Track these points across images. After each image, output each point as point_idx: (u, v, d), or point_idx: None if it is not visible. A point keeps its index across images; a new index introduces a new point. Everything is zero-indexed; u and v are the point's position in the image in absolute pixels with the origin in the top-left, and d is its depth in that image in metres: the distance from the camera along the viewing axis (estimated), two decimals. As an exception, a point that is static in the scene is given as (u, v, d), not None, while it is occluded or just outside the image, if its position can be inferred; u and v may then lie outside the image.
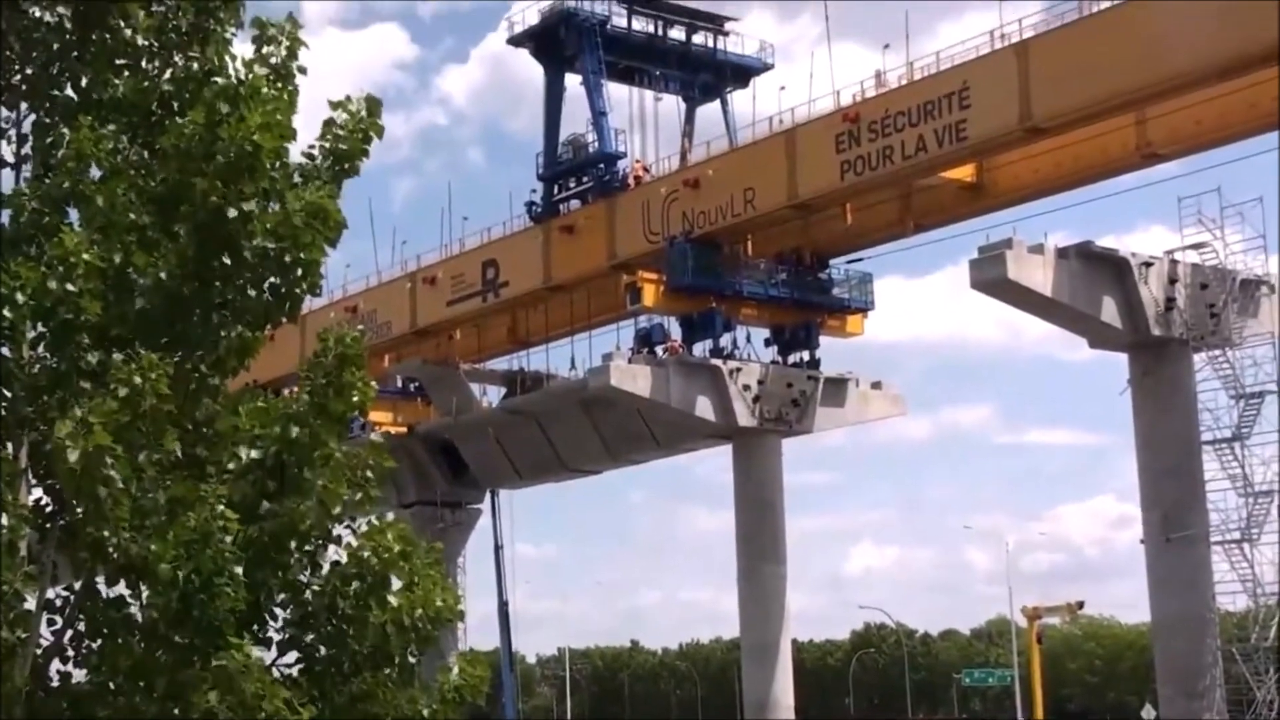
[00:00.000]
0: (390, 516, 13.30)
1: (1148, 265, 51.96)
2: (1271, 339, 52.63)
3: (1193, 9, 45.80)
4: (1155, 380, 51.95)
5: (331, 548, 11.97)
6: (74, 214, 12.41)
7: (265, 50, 12.39)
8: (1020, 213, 56.23)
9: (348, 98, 12.63)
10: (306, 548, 11.87)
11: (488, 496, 78.35)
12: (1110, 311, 51.62)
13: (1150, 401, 52.03)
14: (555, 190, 67.16)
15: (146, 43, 12.71)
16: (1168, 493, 50.94)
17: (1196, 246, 52.62)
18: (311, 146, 12.56)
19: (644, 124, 68.22)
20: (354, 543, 11.98)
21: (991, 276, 50.78)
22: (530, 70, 70.51)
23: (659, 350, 62.73)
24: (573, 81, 67.27)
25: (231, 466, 11.86)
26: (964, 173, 56.60)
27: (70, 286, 11.46)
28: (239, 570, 11.00)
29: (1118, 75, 47.24)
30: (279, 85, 12.27)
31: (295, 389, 12.21)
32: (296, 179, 12.27)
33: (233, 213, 11.69)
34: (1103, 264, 51.96)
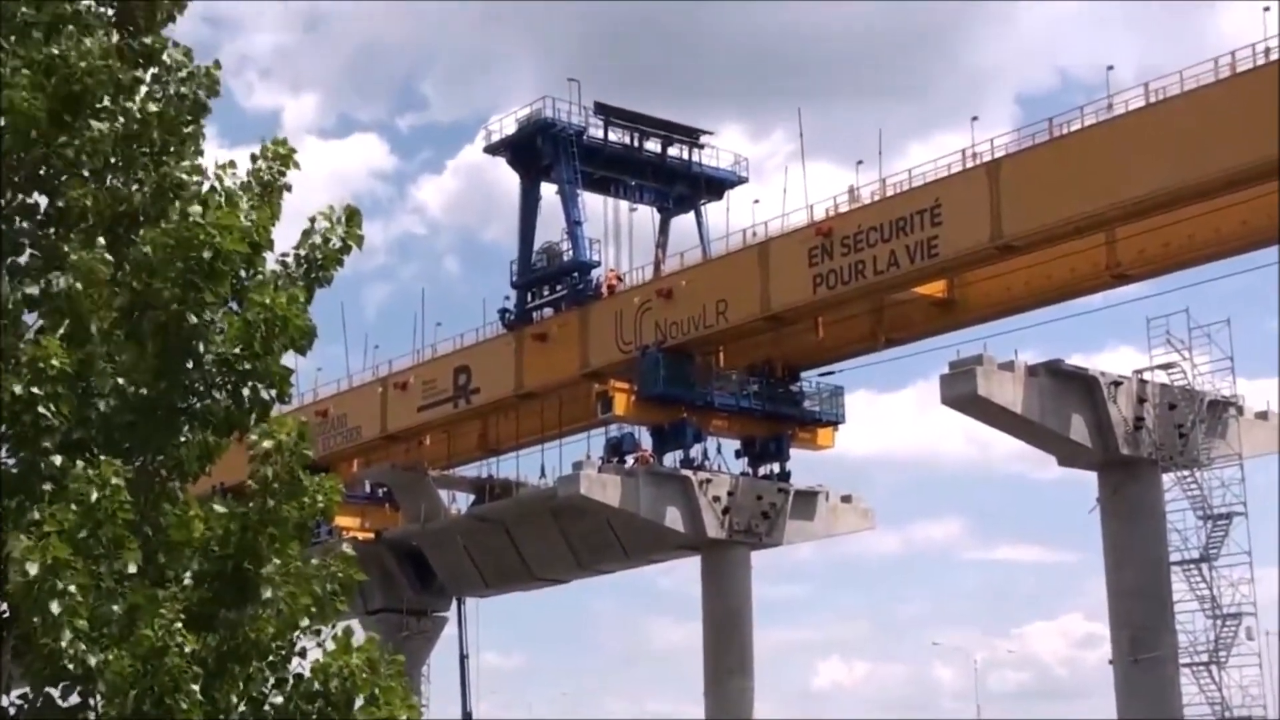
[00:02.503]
0: (356, 624, 13.10)
1: (1117, 384, 52.26)
2: (1239, 461, 52.91)
3: (1159, 134, 46.52)
4: (1124, 500, 52.02)
5: (295, 660, 11.80)
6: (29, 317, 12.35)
7: (257, 165, 12.53)
8: (991, 329, 56.61)
9: (330, 208, 12.72)
10: (270, 659, 11.70)
11: (454, 604, 77.66)
12: (1080, 430, 51.80)
13: (1119, 521, 52.06)
14: (529, 298, 67.33)
15: (114, 158, 12.77)
16: (1136, 613, 50.82)
17: (1165, 367, 53.01)
18: (286, 254, 12.60)
19: (618, 234, 68.71)
20: (319, 656, 11.81)
21: (962, 392, 50.97)
22: (505, 182, 71.14)
23: (629, 460, 62.59)
24: (548, 190, 67.75)
25: (189, 574, 11.71)
26: (935, 289, 56.96)
27: (36, 390, 11.38)
28: (195, 687, 10.82)
29: (1087, 196, 47.83)
30: (262, 197, 12.38)
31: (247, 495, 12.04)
32: (272, 287, 12.27)
33: (194, 318, 11.66)
34: (1072, 382, 52.22)
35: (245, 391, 12.01)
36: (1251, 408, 56.26)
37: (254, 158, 12.69)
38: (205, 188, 12.50)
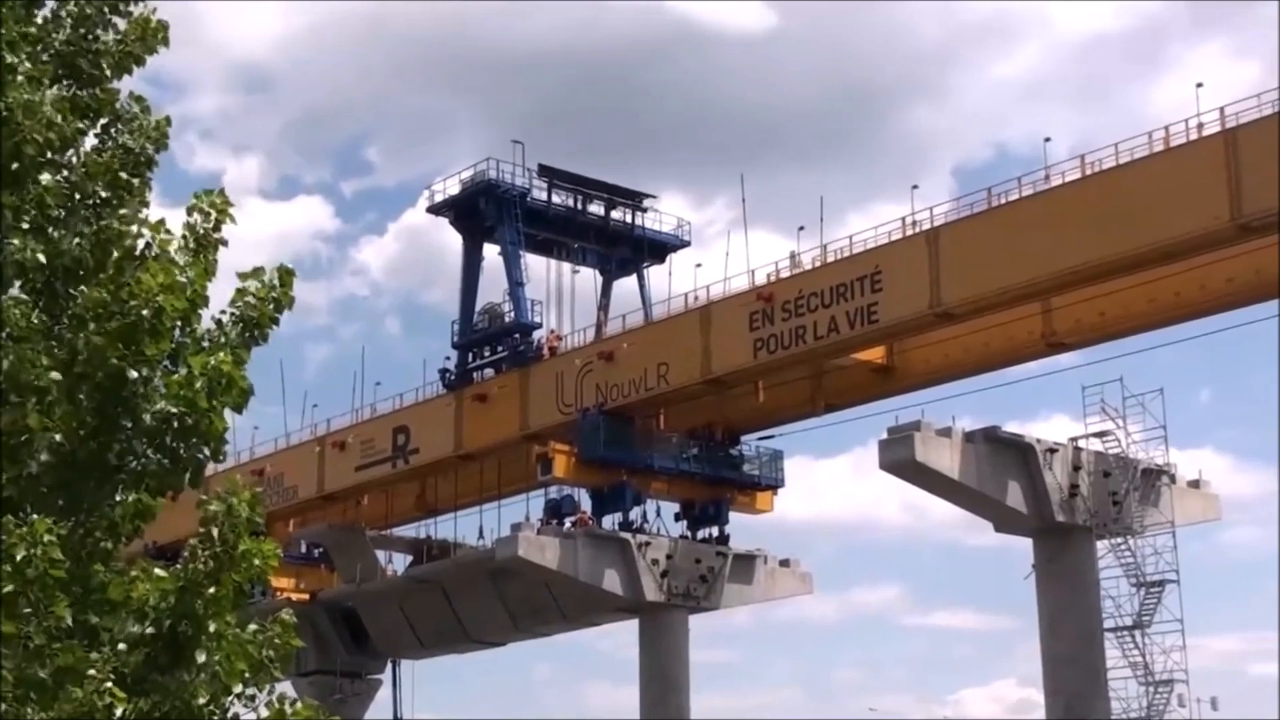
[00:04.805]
0: (289, 686, 12.99)
1: (1052, 451, 52.73)
2: (1172, 529, 53.44)
3: (1095, 206, 47.18)
4: (1059, 566, 52.39)
5: (229, 727, 11.68)
6: None
7: (192, 219, 12.47)
8: (929, 396, 57.04)
9: (260, 268, 12.67)
10: (203, 726, 11.56)
11: (389, 666, 76.96)
12: (1015, 496, 52.18)
13: (1054, 587, 52.38)
14: (470, 358, 67.19)
15: (57, 211, 12.71)
16: (1070, 679, 51.05)
17: (1100, 435, 53.56)
18: (223, 312, 12.55)
19: (560, 295, 68.81)
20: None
21: (900, 458, 51.25)
22: (447, 245, 71.04)
23: (568, 522, 62.39)
24: (491, 252, 67.75)
25: (123, 636, 11.56)
26: (875, 354, 57.34)
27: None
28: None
29: (1024, 266, 48.38)
30: (197, 254, 12.33)
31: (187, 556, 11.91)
32: (205, 344, 12.21)
33: (133, 374, 11.58)
34: (1008, 449, 52.65)
35: (182, 450, 11.92)
36: (1184, 476, 56.91)
37: (189, 211, 12.60)
38: (142, 244, 12.40)
